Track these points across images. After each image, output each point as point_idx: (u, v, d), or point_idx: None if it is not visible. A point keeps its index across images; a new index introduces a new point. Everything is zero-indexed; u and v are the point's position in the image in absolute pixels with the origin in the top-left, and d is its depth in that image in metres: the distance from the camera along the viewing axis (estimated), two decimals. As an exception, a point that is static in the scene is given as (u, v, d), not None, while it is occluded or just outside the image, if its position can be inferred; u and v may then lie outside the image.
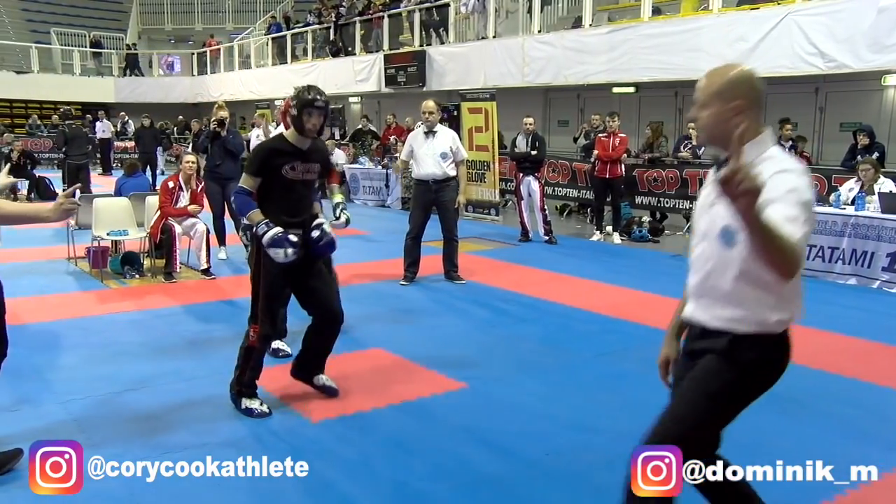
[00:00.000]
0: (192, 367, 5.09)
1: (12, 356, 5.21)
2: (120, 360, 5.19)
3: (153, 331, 5.99)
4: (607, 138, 10.39)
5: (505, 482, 3.51)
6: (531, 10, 14.88)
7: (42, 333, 5.89)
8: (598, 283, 7.84)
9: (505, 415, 4.28)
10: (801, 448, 3.69)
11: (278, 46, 22.80)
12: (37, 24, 28.51)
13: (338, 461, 3.71)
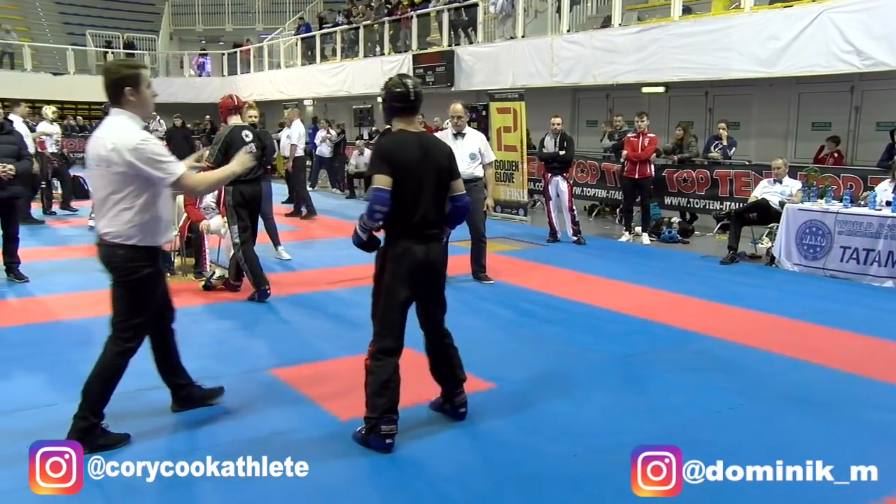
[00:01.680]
0: (219, 365, 5.13)
1: (49, 351, 5.36)
2: (150, 357, 5.24)
3: (182, 328, 6.00)
4: (636, 138, 10.32)
5: (532, 483, 3.50)
6: (560, 10, 14.80)
7: (76, 329, 5.99)
8: (627, 284, 7.79)
9: (532, 415, 4.27)
10: (834, 451, 3.63)
11: (307, 47, 22.94)
12: (73, 27, 29.00)
13: (364, 460, 3.73)
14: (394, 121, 3.96)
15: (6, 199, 7.28)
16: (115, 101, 3.76)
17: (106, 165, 3.66)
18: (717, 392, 4.69)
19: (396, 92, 3.88)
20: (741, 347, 5.63)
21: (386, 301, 3.84)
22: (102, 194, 3.72)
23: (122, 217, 3.70)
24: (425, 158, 3.85)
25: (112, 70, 3.81)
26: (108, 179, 3.68)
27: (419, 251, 3.86)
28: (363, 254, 4.10)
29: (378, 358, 3.84)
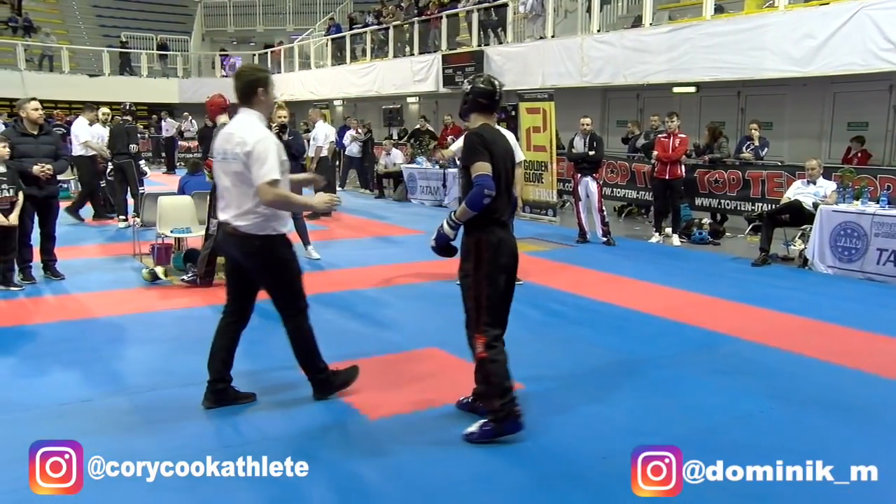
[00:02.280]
0: (249, 362, 5.17)
1: (83, 348, 5.45)
2: (182, 355, 5.32)
3: (212, 327, 6.10)
4: (667, 139, 10.24)
5: (560, 485, 3.49)
6: (590, 10, 14.73)
7: (109, 326, 6.09)
8: (657, 286, 7.73)
9: (561, 417, 4.25)
10: (869, 457, 3.57)
11: (337, 47, 23.06)
12: (109, 29, 29.47)
13: (391, 459, 3.74)
14: (473, 116, 4.04)
15: (44, 198, 7.42)
16: (246, 101, 4.14)
17: (232, 158, 4.03)
18: (747, 395, 4.64)
19: (485, 89, 3.99)
20: (773, 350, 5.56)
21: (489, 290, 3.91)
22: (227, 185, 4.09)
23: (255, 210, 4.05)
24: (507, 151, 3.98)
25: (246, 73, 4.22)
26: (235, 173, 4.03)
27: (508, 238, 4.00)
28: (393, 254, 4.13)
29: (494, 346, 3.91)
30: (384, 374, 4.97)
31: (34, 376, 4.89)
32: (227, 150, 4.06)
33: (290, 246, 4.29)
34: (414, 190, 15.30)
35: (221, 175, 4.16)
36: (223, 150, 4.10)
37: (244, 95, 4.13)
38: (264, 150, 3.97)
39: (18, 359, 5.27)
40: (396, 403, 4.42)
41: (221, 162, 4.12)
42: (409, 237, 10.85)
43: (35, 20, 27.73)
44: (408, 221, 12.36)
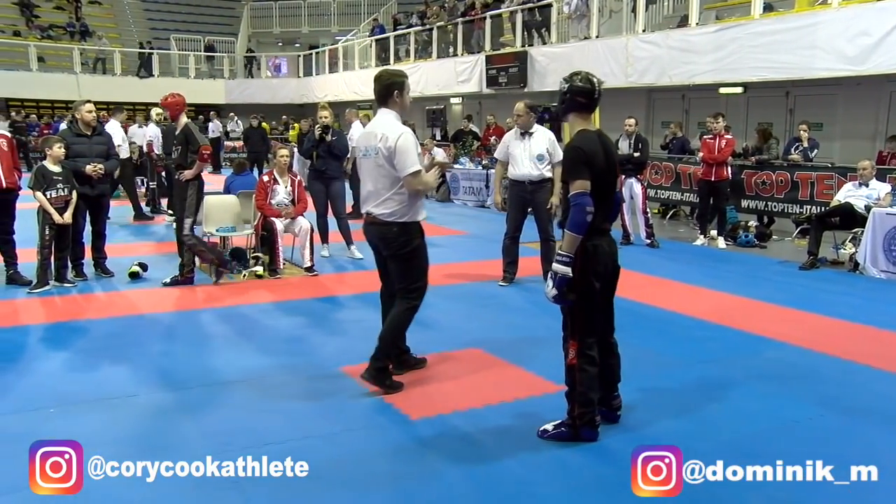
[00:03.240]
0: (290, 361, 5.24)
1: (131, 344, 5.57)
2: (226, 353, 5.41)
3: (257, 325, 6.21)
4: (712, 140, 10.09)
5: (603, 489, 3.46)
6: (636, 10, 14.59)
7: (157, 324, 6.21)
8: (701, 289, 7.62)
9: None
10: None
11: (381, 48, 23.19)
12: (159, 32, 30.09)
13: (433, 458, 3.75)
14: (572, 116, 3.99)
15: (95, 197, 7.60)
16: (384, 102, 4.59)
17: (374, 154, 4.48)
18: (794, 401, 4.55)
19: (584, 88, 3.92)
20: (821, 356, 5.44)
21: (586, 298, 3.87)
22: (369, 179, 4.53)
23: (393, 199, 4.49)
24: (608, 158, 3.90)
25: (385, 76, 4.63)
26: (376, 167, 4.47)
27: (606, 245, 3.94)
28: (435, 254, 4.17)
29: (587, 356, 3.88)
30: (426, 374, 4.99)
31: (85, 370, 5.02)
32: (368, 146, 4.52)
33: (423, 234, 4.71)
34: (456, 190, 15.31)
35: (364, 170, 4.60)
36: (365, 147, 4.54)
37: (382, 97, 4.58)
38: (406, 145, 4.44)
39: (71, 353, 5.41)
40: (438, 404, 4.43)
41: (363, 158, 4.57)
42: (451, 238, 10.87)
43: (91, 24, 28.49)
44: (450, 222, 12.37)
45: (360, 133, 4.69)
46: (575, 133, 3.95)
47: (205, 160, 7.26)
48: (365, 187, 4.64)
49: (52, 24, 27.91)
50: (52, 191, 7.10)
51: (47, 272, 7.16)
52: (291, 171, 8.43)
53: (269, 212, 7.96)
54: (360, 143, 4.65)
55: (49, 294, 7.05)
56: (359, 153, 4.66)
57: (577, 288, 3.83)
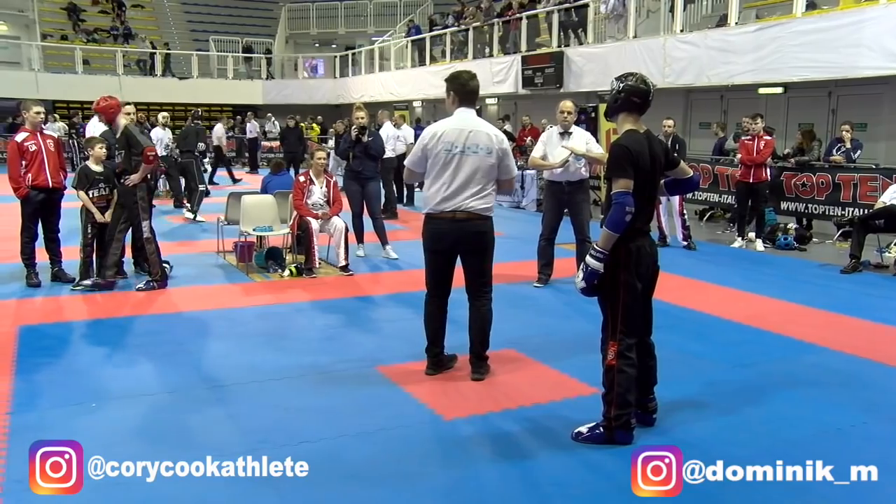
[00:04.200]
0: (326, 360, 5.27)
1: (168, 341, 5.64)
2: (262, 351, 5.46)
3: (293, 324, 6.27)
4: (751, 141, 9.95)
5: (627, 495, 3.43)
6: (673, 9, 14.44)
7: (194, 321, 6.29)
8: (739, 292, 7.52)
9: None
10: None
11: (417, 48, 23.26)
12: (198, 34, 30.55)
13: (467, 459, 3.75)
14: (622, 116, 3.97)
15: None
16: (472, 102, 4.81)
17: (486, 152, 4.65)
18: (837, 408, 4.46)
19: (640, 88, 3.91)
20: (865, 361, 5.32)
21: (626, 298, 3.85)
22: (472, 176, 4.63)
23: (491, 195, 4.75)
24: (654, 159, 3.89)
25: (475, 78, 4.85)
26: (484, 164, 4.64)
27: (647, 245, 3.93)
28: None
29: (627, 357, 3.86)
30: (460, 375, 4.98)
31: (125, 366, 5.10)
32: (478, 143, 4.62)
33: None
34: (491, 191, 15.25)
35: (458, 166, 4.62)
36: (475, 144, 4.62)
37: (473, 97, 4.80)
38: (508, 147, 4.81)
39: (112, 349, 5.50)
40: (472, 404, 4.43)
41: (465, 154, 4.61)
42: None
43: (134, 27, 29.04)
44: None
45: (450, 128, 4.66)
46: (623, 132, 3.93)
47: (150, 162, 7.05)
48: (455, 184, 4.63)
49: (97, 28, 28.52)
50: (94, 190, 7.23)
51: (89, 270, 7.30)
52: (328, 171, 8.49)
53: (305, 212, 8.02)
54: (451, 139, 4.62)
55: (90, 291, 7.17)
56: (449, 149, 4.62)
57: (620, 288, 3.81)
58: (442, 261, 4.89)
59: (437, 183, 4.68)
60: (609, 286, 3.86)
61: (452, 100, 4.79)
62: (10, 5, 27.55)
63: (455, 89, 4.75)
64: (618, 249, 3.80)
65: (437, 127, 4.74)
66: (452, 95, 4.78)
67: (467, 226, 4.69)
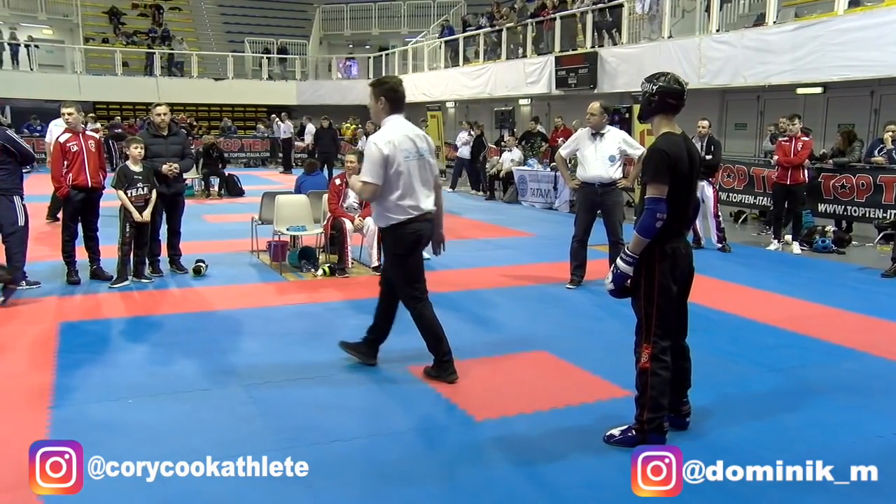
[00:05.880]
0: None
1: (202, 339, 5.72)
2: (295, 350, 5.51)
3: (325, 323, 6.31)
4: (788, 142, 9.80)
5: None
6: (709, 9, 14.28)
7: (227, 320, 6.36)
8: (775, 295, 7.41)
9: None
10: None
11: (451, 49, 23.28)
12: (234, 35, 30.92)
13: (498, 460, 3.75)
14: (657, 119, 3.93)
15: (171, 196, 7.84)
16: (402, 109, 4.85)
17: (429, 154, 4.82)
18: (877, 415, 4.37)
19: (674, 89, 3.86)
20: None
21: (661, 300, 3.82)
22: (423, 179, 4.77)
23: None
24: (692, 161, 3.85)
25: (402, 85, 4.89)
26: (429, 166, 4.81)
27: (683, 248, 3.91)
28: (503, 255, 4.16)
29: (661, 360, 3.83)
30: (491, 376, 4.99)
31: (161, 363, 5.18)
32: (420, 148, 4.77)
33: None
34: (524, 192, 15.25)
35: (411, 172, 4.70)
36: (417, 149, 4.73)
37: (402, 103, 4.83)
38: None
39: (148, 346, 5.60)
40: (503, 405, 4.42)
41: (413, 160, 4.71)
42: (518, 239, 10.84)
43: (171, 30, 29.49)
44: (518, 223, 12.34)
45: (401, 136, 4.68)
46: (660, 135, 3.89)
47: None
48: (417, 189, 4.72)
49: (136, 31, 29.02)
50: (133, 189, 7.35)
51: (127, 268, 7.42)
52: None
53: (341, 214, 8.08)
54: (406, 146, 4.67)
55: (128, 289, 7.30)
56: (406, 156, 4.67)
57: (654, 291, 3.78)
58: (421, 260, 5.00)
59: (400, 190, 4.68)
60: (643, 288, 3.83)
61: (383, 106, 4.76)
62: (56, 10, 28.35)
63: (386, 95, 4.74)
64: (652, 251, 3.77)
65: (387, 136, 4.67)
66: (384, 101, 4.75)
67: (431, 225, 4.90)
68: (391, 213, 4.72)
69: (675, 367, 3.94)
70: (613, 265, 3.88)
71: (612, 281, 3.87)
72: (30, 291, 7.09)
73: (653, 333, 3.82)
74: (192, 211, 12.08)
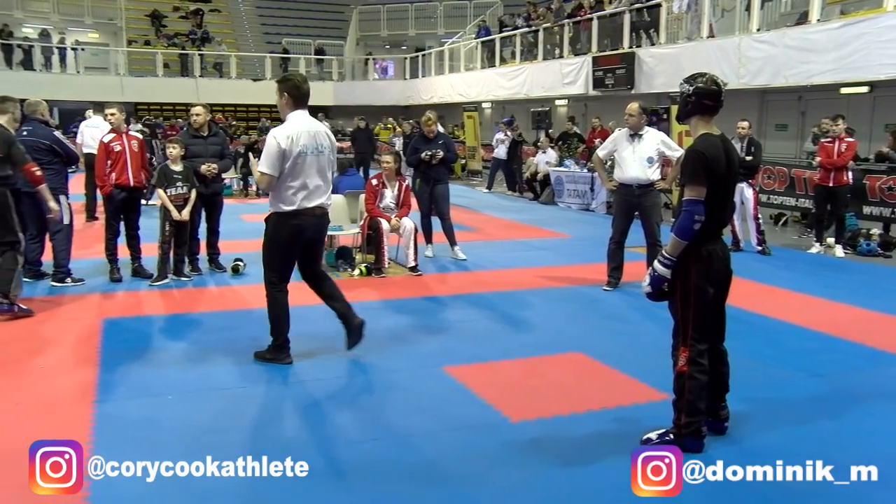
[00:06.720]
0: (394, 360, 5.32)
1: (241, 337, 5.78)
2: (331, 349, 5.54)
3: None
4: (831, 143, 9.62)
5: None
6: (749, 8, 14.07)
7: (264, 318, 6.37)
8: (816, 299, 7.28)
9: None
10: None
11: (487, 50, 23.26)
12: (272, 36, 31.26)
13: (533, 461, 3.74)
14: (694, 120, 3.91)
15: (210, 195, 7.95)
16: (306, 104, 5.06)
17: (329, 150, 5.02)
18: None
19: (712, 89, 3.84)
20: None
21: (698, 303, 3.80)
22: (322, 175, 4.98)
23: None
24: (730, 163, 3.82)
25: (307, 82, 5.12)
26: (328, 162, 5.02)
27: (720, 250, 3.88)
28: (539, 256, 4.15)
29: (698, 363, 3.80)
30: (527, 377, 4.98)
31: (199, 361, 5.25)
32: (321, 144, 4.95)
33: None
34: (561, 193, 15.17)
35: (312, 167, 4.91)
36: (317, 146, 4.92)
37: (307, 99, 5.02)
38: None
39: (187, 343, 5.69)
40: (539, 407, 4.41)
41: (314, 156, 4.91)
42: (555, 240, 10.80)
43: (211, 31, 29.95)
44: (554, 224, 12.29)
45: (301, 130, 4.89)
46: (698, 136, 3.86)
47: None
48: (312, 183, 4.92)
49: (177, 33, 29.51)
50: (173, 189, 7.47)
51: (167, 266, 7.55)
52: (400, 173, 8.54)
53: (377, 214, 8.12)
54: (308, 142, 4.87)
55: (168, 287, 7.42)
56: (307, 150, 4.87)
57: (692, 293, 3.75)
58: (298, 252, 5.11)
59: (296, 182, 4.88)
60: (679, 291, 3.80)
61: (286, 101, 4.96)
62: (101, 14, 29.06)
63: (289, 91, 4.94)
64: (689, 253, 3.74)
65: (287, 131, 4.88)
66: (286, 97, 4.96)
67: (324, 220, 5.11)
68: (282, 203, 4.94)
69: (713, 370, 3.90)
70: (651, 268, 3.87)
71: (650, 284, 3.85)
72: (74, 288, 7.25)
73: (690, 336, 3.79)
74: (231, 210, 12.23)
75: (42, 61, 25.75)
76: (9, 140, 6.19)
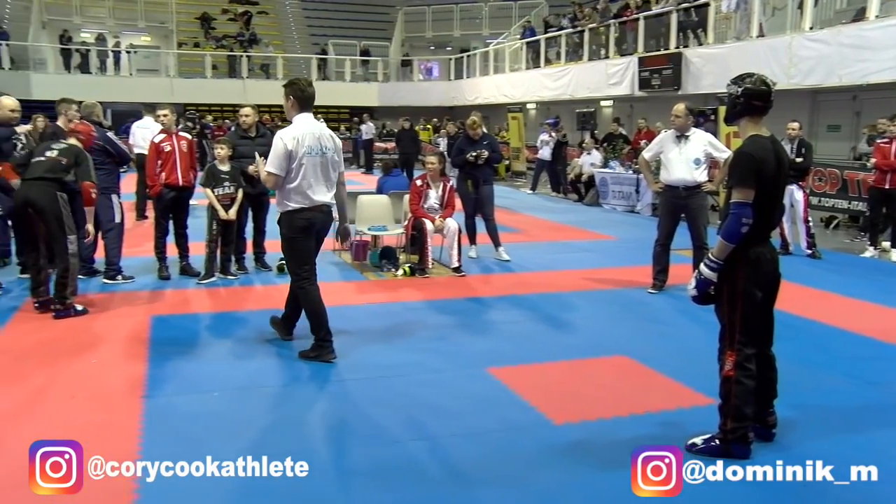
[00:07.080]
0: (438, 360, 5.33)
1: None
2: (375, 348, 5.58)
3: (404, 323, 6.36)
4: (887, 144, 9.37)
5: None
6: (802, 6, 13.76)
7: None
8: (870, 304, 7.10)
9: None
10: None
11: (532, 50, 23.18)
12: (318, 38, 31.59)
13: (575, 464, 3.71)
14: (743, 121, 3.86)
15: (256, 196, 8.05)
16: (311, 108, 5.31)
17: (333, 151, 5.21)
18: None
19: (761, 90, 3.79)
20: None
21: (745, 307, 3.75)
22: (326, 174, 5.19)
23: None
24: (779, 165, 3.76)
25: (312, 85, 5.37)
26: (332, 162, 5.22)
27: (768, 253, 3.82)
28: (583, 258, 4.13)
29: (745, 368, 3.76)
30: (571, 380, 4.95)
31: (244, 358, 5.32)
32: (325, 146, 5.15)
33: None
34: (606, 195, 15.04)
35: (317, 167, 5.11)
36: (321, 147, 5.12)
37: (312, 102, 5.27)
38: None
39: (233, 341, 5.77)
40: (582, 409, 4.38)
41: (318, 157, 5.11)
42: (599, 242, 10.71)
43: (258, 33, 30.42)
44: (599, 226, 12.19)
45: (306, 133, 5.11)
46: (747, 138, 3.79)
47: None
48: (315, 182, 5.12)
49: (226, 35, 30.04)
50: (220, 188, 7.58)
51: (214, 265, 7.67)
52: (444, 174, 8.55)
53: (422, 215, 8.15)
54: (312, 144, 5.08)
55: (215, 285, 7.54)
56: (308, 152, 5.06)
57: (739, 297, 3.69)
58: (312, 244, 5.30)
59: (304, 182, 5.09)
60: (726, 294, 3.74)
61: (292, 104, 5.20)
62: (153, 18, 29.85)
63: (294, 94, 5.18)
64: (736, 257, 3.68)
65: (293, 133, 5.07)
66: (292, 101, 5.19)
67: (329, 218, 5.31)
68: (288, 201, 5.13)
69: (761, 376, 3.83)
70: (697, 271, 3.82)
71: (696, 287, 3.80)
72: (125, 285, 7.42)
73: (737, 341, 3.73)
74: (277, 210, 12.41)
75: (98, 64, 26.51)
76: (81, 156, 6.44)
